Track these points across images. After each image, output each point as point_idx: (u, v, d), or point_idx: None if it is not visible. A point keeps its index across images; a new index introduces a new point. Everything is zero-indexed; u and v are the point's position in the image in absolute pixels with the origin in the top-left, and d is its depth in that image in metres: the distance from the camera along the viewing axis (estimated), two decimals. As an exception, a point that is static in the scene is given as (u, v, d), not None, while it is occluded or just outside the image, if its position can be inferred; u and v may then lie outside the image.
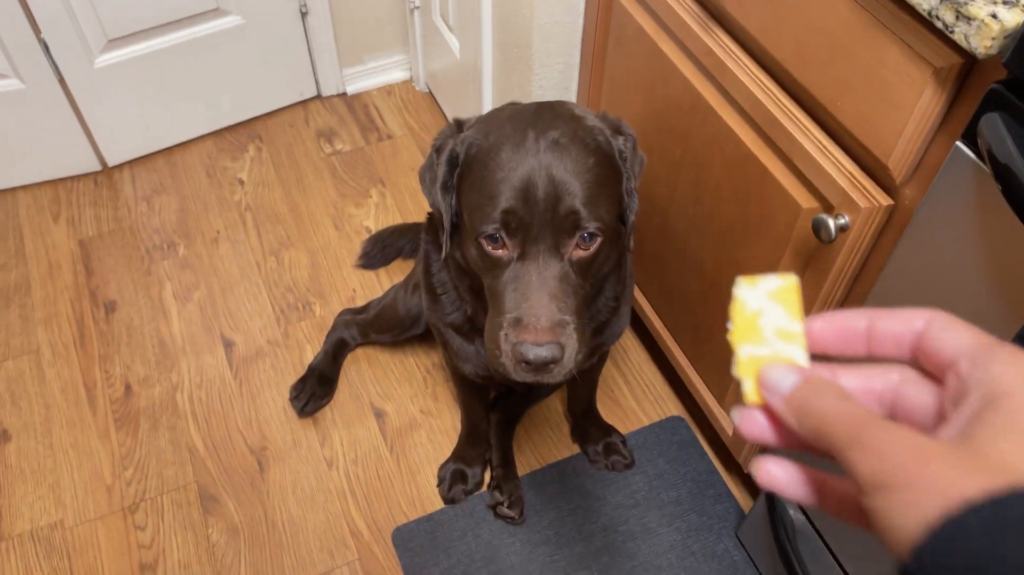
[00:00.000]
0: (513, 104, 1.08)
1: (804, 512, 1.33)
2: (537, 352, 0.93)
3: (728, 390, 1.48)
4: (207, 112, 2.20)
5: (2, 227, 2.05)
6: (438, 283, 1.24)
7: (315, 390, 1.75)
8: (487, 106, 1.86)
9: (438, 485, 1.64)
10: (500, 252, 0.97)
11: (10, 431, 1.72)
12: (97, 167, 2.16)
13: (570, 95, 1.68)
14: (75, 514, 1.61)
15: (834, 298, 1.11)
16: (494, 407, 1.68)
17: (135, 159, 2.19)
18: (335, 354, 1.79)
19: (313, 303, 1.91)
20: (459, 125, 1.06)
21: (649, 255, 1.59)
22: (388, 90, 2.38)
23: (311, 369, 1.77)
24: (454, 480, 1.62)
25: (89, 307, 1.91)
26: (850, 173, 1.01)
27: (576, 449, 1.70)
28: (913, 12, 0.85)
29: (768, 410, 0.43)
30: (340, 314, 1.83)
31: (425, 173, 1.09)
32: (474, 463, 1.64)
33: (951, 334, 0.40)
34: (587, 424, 1.67)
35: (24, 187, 2.13)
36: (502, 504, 1.59)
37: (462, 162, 1.02)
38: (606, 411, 1.75)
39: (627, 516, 1.61)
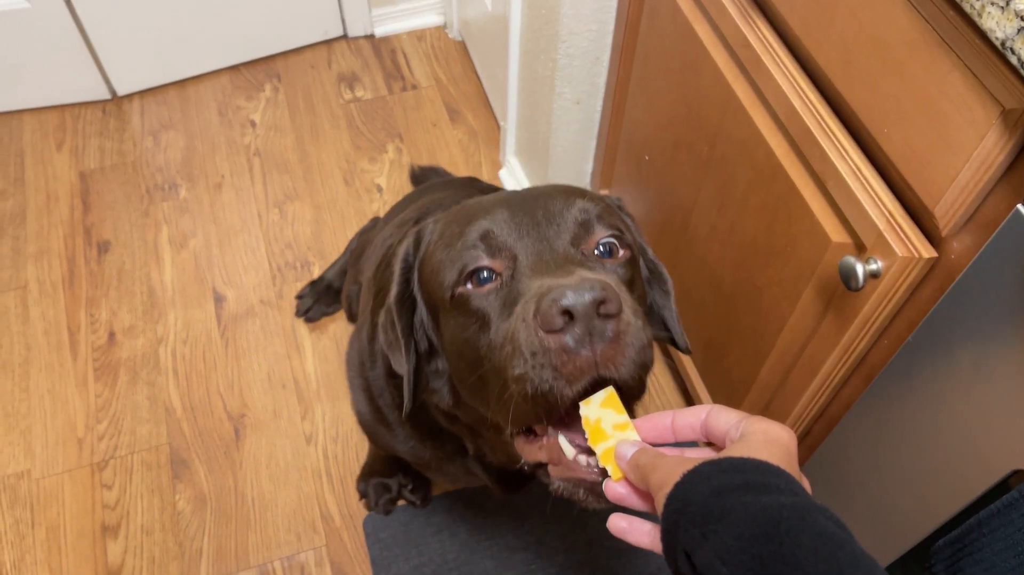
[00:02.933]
0: None
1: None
2: (577, 292, 0.60)
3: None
4: (226, 46, 2.07)
5: (4, 151, 1.97)
6: (385, 405, 0.98)
7: (322, 296, 1.70)
8: (512, 69, 1.70)
9: (360, 499, 1.51)
10: (489, 287, 0.70)
11: (-12, 370, 1.66)
12: (106, 95, 2.05)
13: (600, 67, 1.51)
14: (44, 465, 1.55)
15: (856, 349, 0.96)
16: None
17: (146, 90, 2.08)
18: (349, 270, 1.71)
19: (312, 263, 1.80)
20: (416, 224, 0.84)
21: (667, 254, 1.43)
22: (419, 35, 2.21)
23: (322, 278, 1.72)
24: (378, 494, 1.49)
25: (82, 245, 1.82)
26: (890, 212, 0.85)
27: (570, 451, 1.58)
28: (986, 39, 0.68)
29: (626, 480, 0.62)
30: (371, 221, 1.74)
31: (380, 330, 0.83)
32: (392, 473, 1.48)
33: (723, 415, 0.60)
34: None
35: (31, 110, 2.04)
36: (406, 487, 1.48)
37: (419, 251, 0.79)
38: (607, 412, 1.62)
39: (615, 530, 1.49)
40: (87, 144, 1.99)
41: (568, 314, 0.60)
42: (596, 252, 0.72)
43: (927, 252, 0.82)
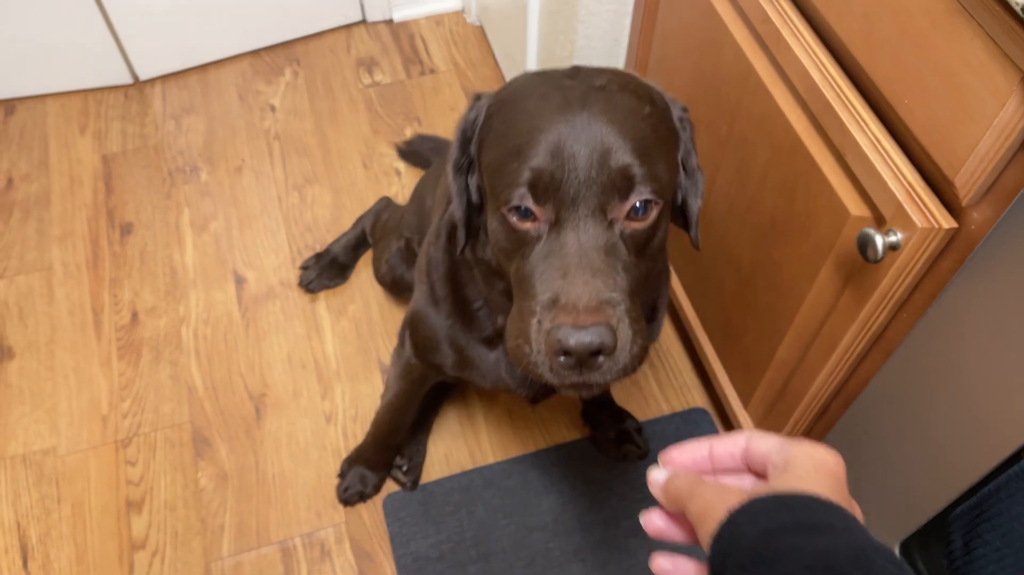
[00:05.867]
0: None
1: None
2: (579, 337, 0.70)
3: (753, 395, 1.34)
4: (246, 30, 2.09)
5: (29, 135, 2.00)
6: (474, 296, 1.02)
7: (326, 270, 1.74)
8: (531, 51, 1.71)
9: (338, 475, 1.52)
10: (528, 225, 0.76)
11: (15, 349, 1.68)
12: (128, 80, 2.07)
13: (619, 48, 1.51)
14: (69, 442, 1.58)
15: (875, 323, 0.96)
16: None
17: (168, 74, 2.10)
18: (356, 244, 1.76)
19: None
20: (478, 96, 0.86)
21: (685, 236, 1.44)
22: (437, 20, 2.22)
23: (328, 249, 1.76)
24: (352, 483, 1.49)
25: (105, 227, 1.85)
26: (909, 183, 0.85)
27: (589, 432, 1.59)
28: (1007, 5, 0.68)
29: (663, 510, 0.59)
30: (380, 200, 1.77)
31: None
32: (378, 468, 1.49)
33: (763, 441, 0.57)
34: (599, 407, 1.55)
35: (54, 95, 2.07)
36: (399, 468, 1.51)
37: (480, 127, 0.83)
38: (624, 393, 1.63)
39: (632, 510, 1.50)
40: (110, 128, 2.01)
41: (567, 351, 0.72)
42: (630, 212, 0.76)
43: (947, 223, 0.82)
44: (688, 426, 1.60)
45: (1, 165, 1.94)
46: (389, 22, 2.21)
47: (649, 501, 0.59)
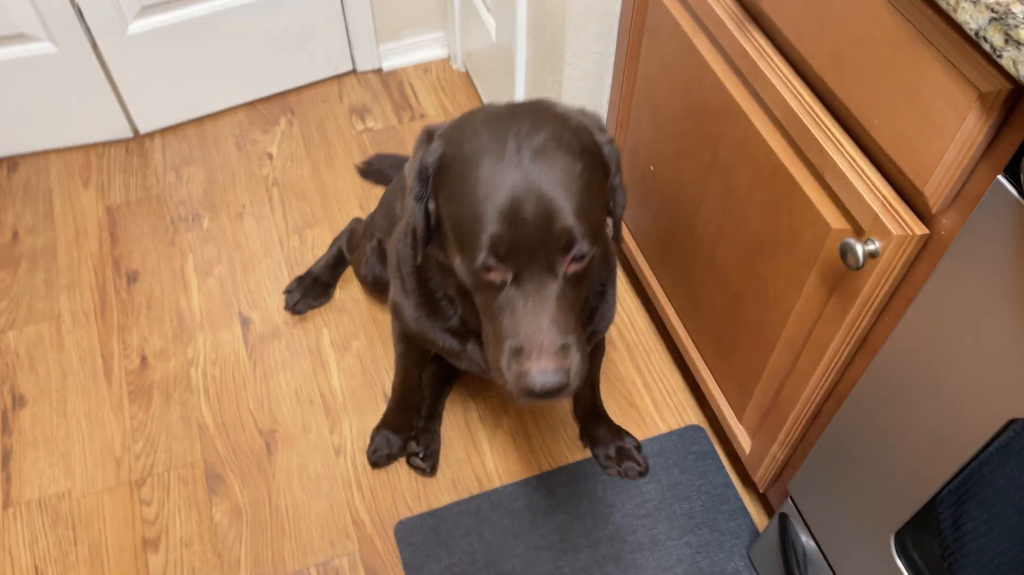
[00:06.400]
0: (487, 107, 1.02)
1: (815, 540, 1.26)
2: (544, 381, 0.91)
3: (747, 407, 1.41)
4: (241, 83, 2.17)
5: (33, 190, 2.06)
6: (436, 288, 1.19)
7: (309, 290, 1.83)
8: (519, 93, 1.80)
9: (368, 444, 1.65)
10: (492, 276, 0.93)
11: (26, 396, 1.72)
12: (129, 134, 2.15)
13: (604, 87, 1.61)
14: (83, 485, 1.61)
15: (859, 327, 1.04)
16: (434, 359, 1.66)
17: (166, 127, 2.17)
18: (335, 263, 1.86)
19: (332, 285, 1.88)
20: (429, 135, 1.00)
21: (675, 259, 1.52)
22: (425, 68, 2.32)
23: (309, 271, 1.85)
24: (379, 445, 1.63)
25: (112, 276, 1.90)
26: (884, 196, 0.93)
27: (590, 454, 1.65)
28: (961, 31, 0.77)
29: None
30: (352, 220, 1.86)
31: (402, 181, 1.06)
32: (401, 430, 1.63)
33: None
34: (595, 425, 1.62)
35: (57, 150, 2.13)
36: (417, 455, 1.60)
37: (434, 172, 0.97)
38: (622, 414, 1.69)
39: (637, 526, 1.56)
40: (112, 181, 2.08)
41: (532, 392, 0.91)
42: (571, 258, 0.92)
43: (919, 229, 0.90)
44: (684, 443, 1.67)
45: (6, 219, 2.00)
46: (379, 71, 2.31)
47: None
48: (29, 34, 1.88)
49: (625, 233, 1.73)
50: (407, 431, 1.63)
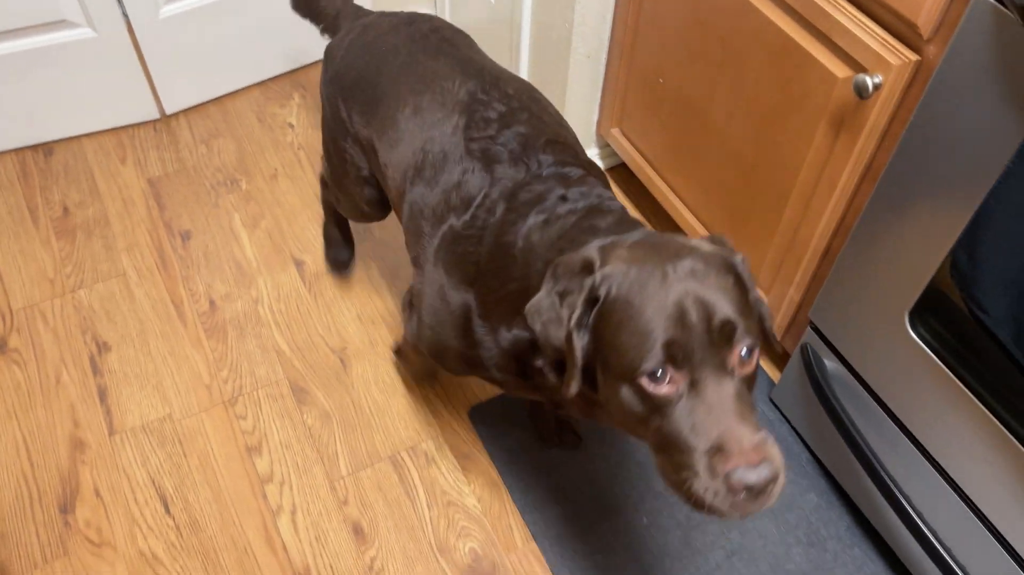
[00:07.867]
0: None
1: (839, 355, 1.55)
2: (758, 474, 0.87)
3: (761, 267, 1.70)
4: (256, 63, 2.37)
5: (74, 170, 2.21)
6: (480, 331, 1.24)
7: (336, 256, 2.01)
8: (524, 44, 2.06)
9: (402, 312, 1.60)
10: (666, 390, 0.92)
11: (109, 343, 1.88)
12: (156, 115, 2.32)
13: (605, 25, 1.89)
14: (181, 409, 1.78)
15: (866, 155, 1.34)
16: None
17: (189, 108, 2.36)
18: (334, 211, 1.90)
19: (373, 227, 2.10)
20: (589, 265, 1.00)
21: (688, 157, 1.80)
22: (417, 42, 2.57)
23: (324, 236, 2.02)
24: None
25: (166, 236, 2.07)
26: (881, 37, 1.24)
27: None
28: None
29: None
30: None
31: (541, 312, 1.04)
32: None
33: None
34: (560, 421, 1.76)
35: (88, 135, 2.29)
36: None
37: (604, 301, 0.98)
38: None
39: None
40: (147, 156, 2.25)
41: (748, 488, 0.88)
42: (739, 354, 0.94)
43: (914, 56, 1.21)
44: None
45: (53, 197, 2.15)
46: (377, 47, 2.54)
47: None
48: (71, 20, 2.04)
49: (633, 151, 2.01)
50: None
